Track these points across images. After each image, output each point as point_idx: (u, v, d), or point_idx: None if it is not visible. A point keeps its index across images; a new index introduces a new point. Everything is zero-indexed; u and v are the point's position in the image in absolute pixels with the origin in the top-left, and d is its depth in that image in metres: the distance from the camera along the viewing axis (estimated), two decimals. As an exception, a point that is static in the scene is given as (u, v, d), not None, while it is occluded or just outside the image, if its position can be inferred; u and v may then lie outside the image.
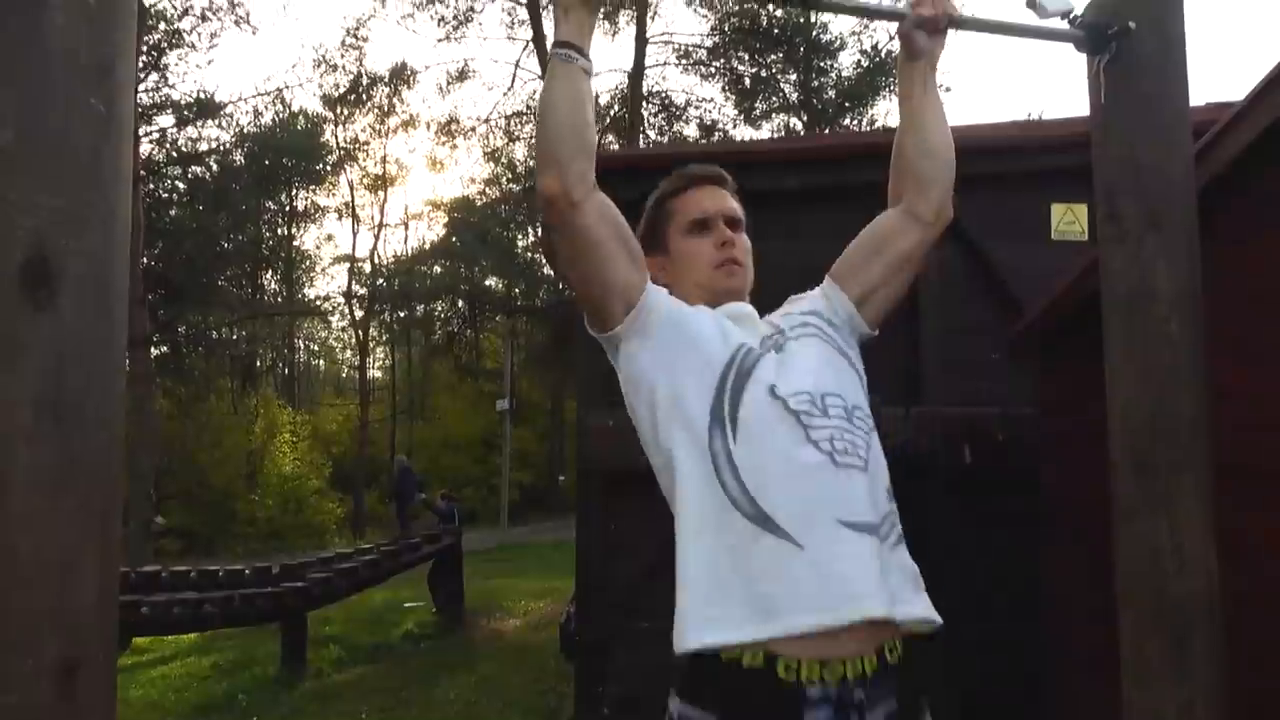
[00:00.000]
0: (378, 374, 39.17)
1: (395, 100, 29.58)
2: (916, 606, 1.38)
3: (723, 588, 1.31)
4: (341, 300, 35.26)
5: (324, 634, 10.65)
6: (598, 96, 22.97)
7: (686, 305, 1.52)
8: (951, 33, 1.67)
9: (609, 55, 24.14)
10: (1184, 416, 1.70)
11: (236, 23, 21.50)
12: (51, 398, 1.08)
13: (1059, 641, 4.26)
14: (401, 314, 35.51)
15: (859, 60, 23.15)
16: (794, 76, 23.99)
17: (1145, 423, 1.69)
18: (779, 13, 21.84)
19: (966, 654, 5.22)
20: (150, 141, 21.96)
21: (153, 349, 22.40)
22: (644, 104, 23.04)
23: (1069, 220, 5.71)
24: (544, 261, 26.25)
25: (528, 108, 24.18)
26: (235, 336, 31.86)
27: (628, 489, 5.47)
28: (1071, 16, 1.67)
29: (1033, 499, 4.59)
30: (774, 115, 24.75)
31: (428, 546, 11.38)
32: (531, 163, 26.93)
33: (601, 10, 1.51)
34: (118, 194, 1.18)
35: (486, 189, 30.37)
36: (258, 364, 36.09)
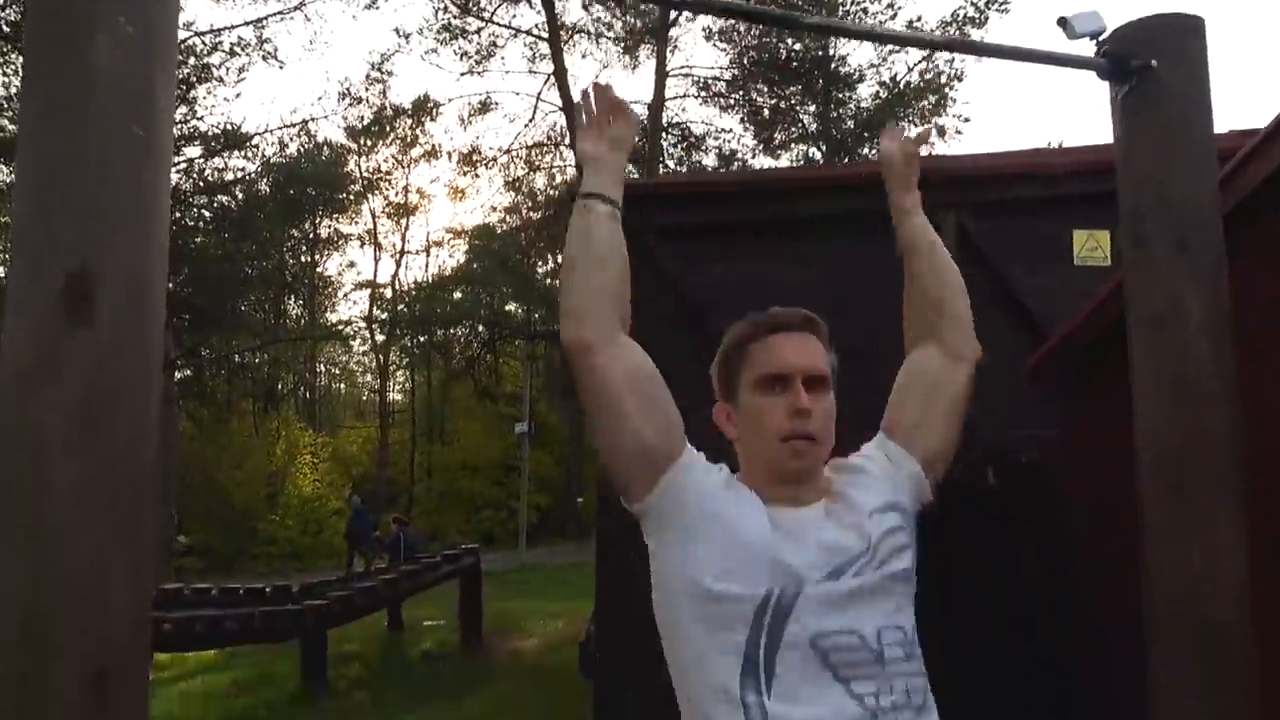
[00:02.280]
0: (398, 397, 39.39)
1: (418, 131, 29.95)
2: None
3: None
4: (363, 325, 35.57)
5: (344, 651, 10.64)
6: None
7: (729, 496, 1.35)
8: (977, 59, 1.68)
9: (630, 87, 24.39)
10: (1216, 439, 1.68)
11: (264, 58, 21.89)
12: (88, 410, 1.10)
13: (1088, 663, 4.19)
14: (422, 339, 35.74)
15: (877, 91, 23.23)
16: (812, 108, 24.07)
17: (1177, 445, 1.68)
18: (797, 46, 21.97)
19: (994, 675, 5.15)
20: (178, 172, 22.32)
21: (176, 372, 22.61)
22: (664, 135, 23.19)
23: (1091, 246, 5.69)
24: (564, 286, 26.33)
25: (548, 138, 24.39)
26: (258, 360, 32.13)
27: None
28: (1100, 39, 1.67)
29: (1058, 521, 4.55)
30: (793, 145, 24.83)
31: (448, 566, 11.38)
32: (552, 191, 27.15)
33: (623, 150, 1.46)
34: (156, 215, 1.21)
35: (507, 217, 30.61)
36: (279, 387, 36.37)
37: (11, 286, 1.13)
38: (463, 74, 23.98)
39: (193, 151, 22.54)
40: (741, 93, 23.56)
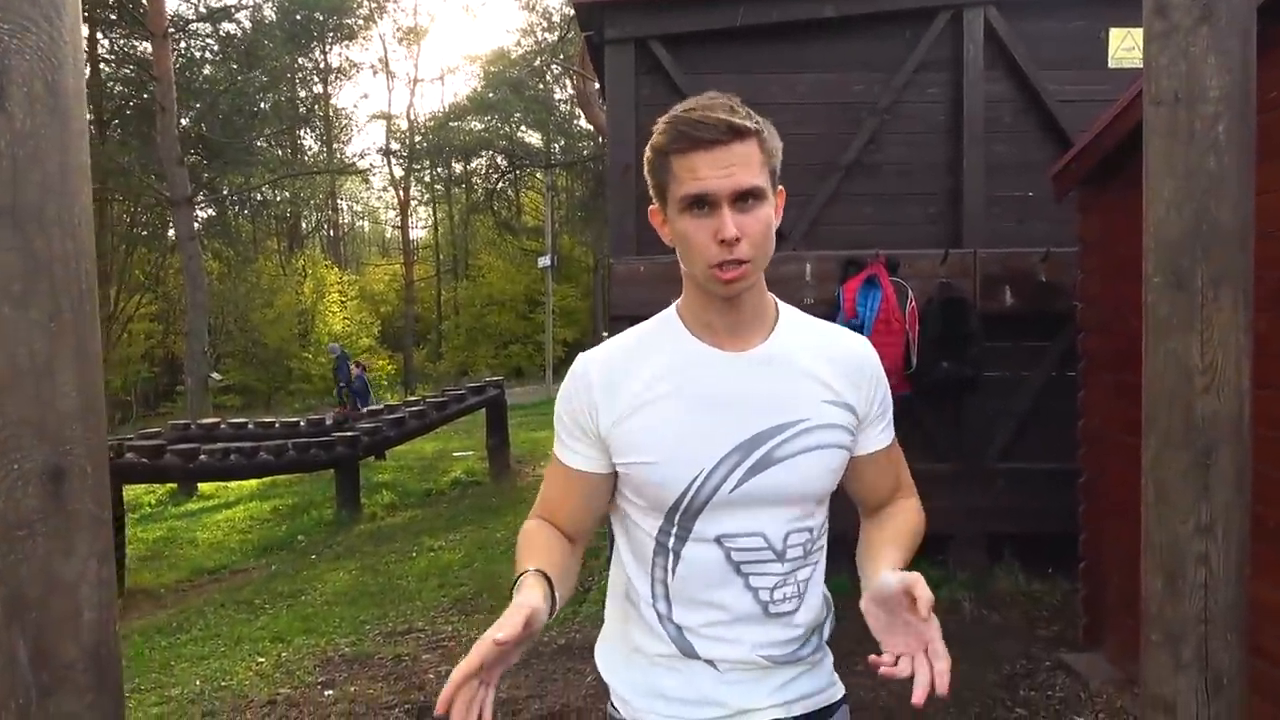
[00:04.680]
0: (421, 234, 39.33)
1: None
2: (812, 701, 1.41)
3: (637, 690, 1.39)
4: (380, 158, 35.08)
5: (377, 481, 11.09)
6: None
7: (650, 416, 1.32)
8: None
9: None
10: (1226, 227, 1.58)
11: None
12: (8, 203, 1.04)
13: (1093, 479, 4.24)
14: (440, 171, 35.27)
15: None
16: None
17: (1184, 233, 1.59)
18: None
19: (1005, 493, 5.25)
20: (178, -3, 21.54)
21: (198, 210, 22.58)
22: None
23: (1129, 46, 5.34)
24: (582, 115, 25.64)
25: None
26: (278, 198, 31.96)
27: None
28: None
29: (1073, 338, 4.49)
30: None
31: (473, 398, 11.62)
32: (567, 10, 25.87)
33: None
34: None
35: (521, 39, 29.47)
36: (302, 225, 36.34)
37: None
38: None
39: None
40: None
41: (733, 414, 1.30)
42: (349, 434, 9.65)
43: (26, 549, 1.05)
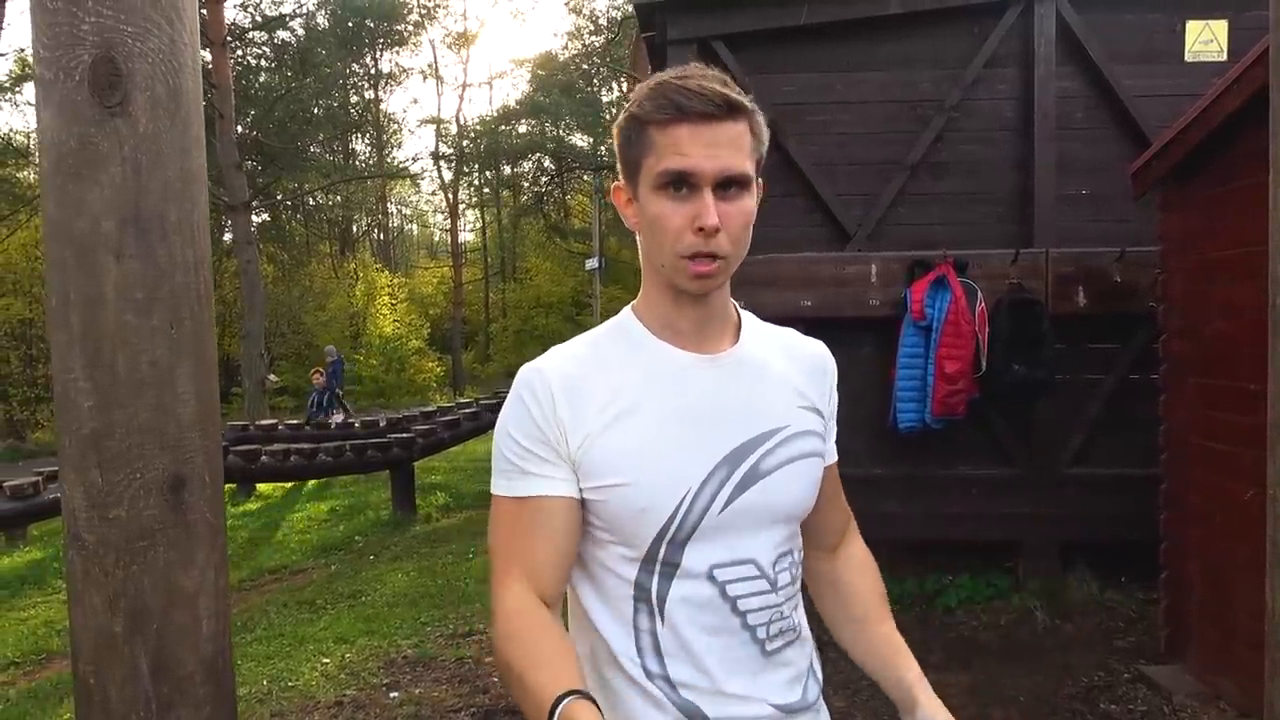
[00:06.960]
0: (469, 237, 39.71)
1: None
2: None
3: None
4: (430, 162, 35.51)
5: (430, 482, 11.17)
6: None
7: (622, 431, 1.14)
8: None
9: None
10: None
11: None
12: (132, 208, 1.03)
13: (1175, 486, 4.10)
14: (489, 174, 35.57)
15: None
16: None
17: (1316, 233, 1.51)
18: None
19: (1076, 499, 5.11)
20: (234, 7, 22.05)
21: (254, 215, 23.01)
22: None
23: (1206, 39, 5.17)
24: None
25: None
26: (330, 202, 32.48)
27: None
28: None
29: (1150, 338, 4.36)
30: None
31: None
32: (614, 13, 25.98)
33: None
34: (184, 9, 1.10)
35: (569, 43, 29.62)
36: (354, 229, 36.89)
37: (39, 78, 1.04)
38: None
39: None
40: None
41: (714, 423, 1.16)
42: (405, 435, 9.74)
43: (148, 559, 1.04)
